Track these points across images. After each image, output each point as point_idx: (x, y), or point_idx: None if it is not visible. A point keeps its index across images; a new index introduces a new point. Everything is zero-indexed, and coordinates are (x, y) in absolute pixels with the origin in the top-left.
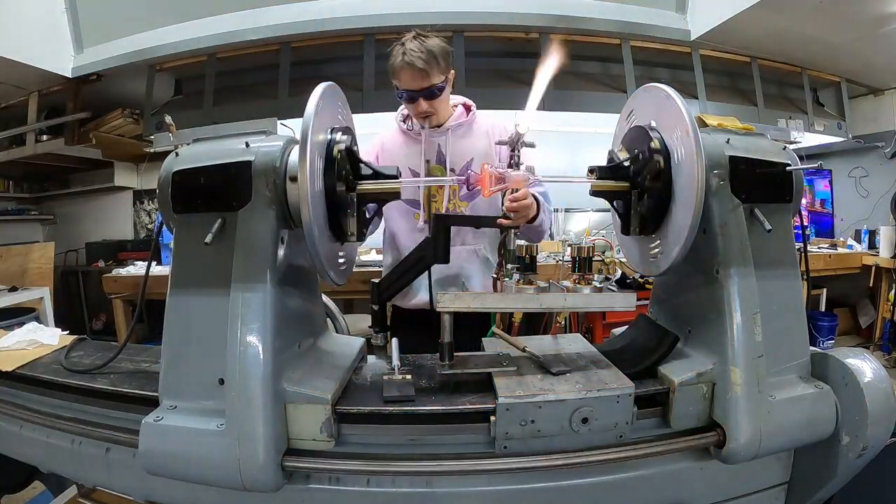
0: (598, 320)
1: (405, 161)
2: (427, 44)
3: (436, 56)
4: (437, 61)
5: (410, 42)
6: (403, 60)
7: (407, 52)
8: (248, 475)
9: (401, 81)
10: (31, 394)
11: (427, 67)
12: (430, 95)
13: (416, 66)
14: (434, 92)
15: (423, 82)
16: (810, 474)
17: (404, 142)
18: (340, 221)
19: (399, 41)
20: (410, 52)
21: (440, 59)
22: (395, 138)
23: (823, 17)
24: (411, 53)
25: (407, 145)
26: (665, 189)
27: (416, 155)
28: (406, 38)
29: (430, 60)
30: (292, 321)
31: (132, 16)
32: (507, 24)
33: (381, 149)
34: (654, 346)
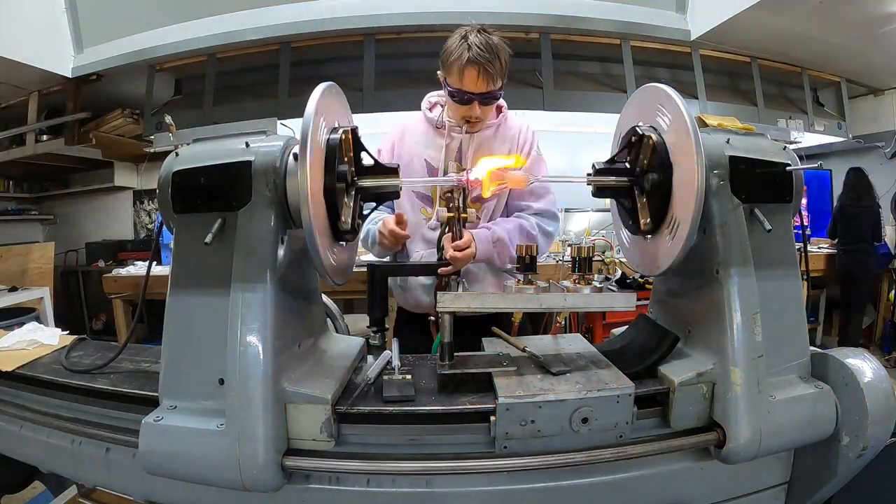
0: (598, 320)
1: (423, 152)
2: (493, 41)
3: (500, 57)
4: (501, 63)
5: (475, 36)
6: (469, 56)
7: (473, 47)
8: (249, 475)
9: (462, 80)
10: (31, 394)
11: (492, 71)
12: (487, 101)
13: (483, 68)
14: (493, 98)
15: (486, 86)
16: (810, 474)
17: (426, 131)
18: (340, 220)
19: (459, 33)
20: (477, 49)
21: (503, 61)
22: (417, 127)
23: (823, 17)
24: (477, 50)
25: (427, 136)
26: (665, 189)
27: (436, 148)
28: (468, 30)
29: (496, 62)
30: (292, 321)
31: (132, 16)
32: (507, 24)
33: (401, 136)
34: (654, 346)
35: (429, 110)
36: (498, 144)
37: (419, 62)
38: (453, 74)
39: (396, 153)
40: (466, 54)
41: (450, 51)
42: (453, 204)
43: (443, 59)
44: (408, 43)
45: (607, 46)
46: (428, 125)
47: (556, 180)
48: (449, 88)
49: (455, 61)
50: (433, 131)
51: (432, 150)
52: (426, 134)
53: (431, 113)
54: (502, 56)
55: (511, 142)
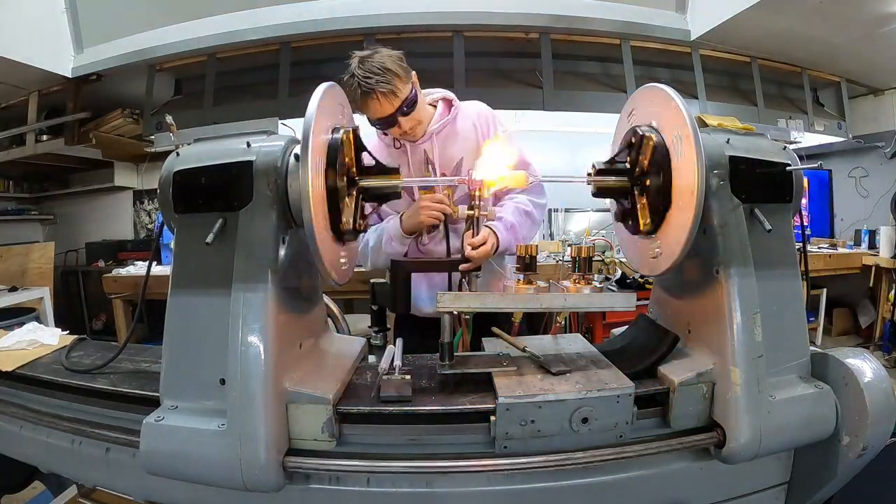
0: (598, 320)
1: None
2: (374, 62)
3: (392, 70)
4: (397, 74)
5: (359, 68)
6: (362, 90)
7: (361, 81)
8: (250, 475)
9: (371, 113)
10: (31, 394)
11: (389, 86)
12: (406, 112)
13: (378, 91)
14: (408, 106)
15: (391, 105)
16: (810, 474)
17: (388, 154)
18: (341, 221)
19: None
20: (364, 79)
21: (398, 70)
22: (379, 149)
23: (823, 17)
24: (367, 81)
25: (391, 156)
26: (665, 189)
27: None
28: (352, 65)
29: (391, 78)
30: (293, 321)
31: (132, 16)
32: (507, 24)
33: None
34: (654, 346)
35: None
36: (460, 139)
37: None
38: (364, 110)
39: None
40: (358, 90)
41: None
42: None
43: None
44: (408, 43)
45: (607, 46)
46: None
47: (556, 180)
48: (373, 123)
49: (356, 100)
50: (394, 150)
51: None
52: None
53: (387, 136)
54: (391, 66)
55: (472, 130)
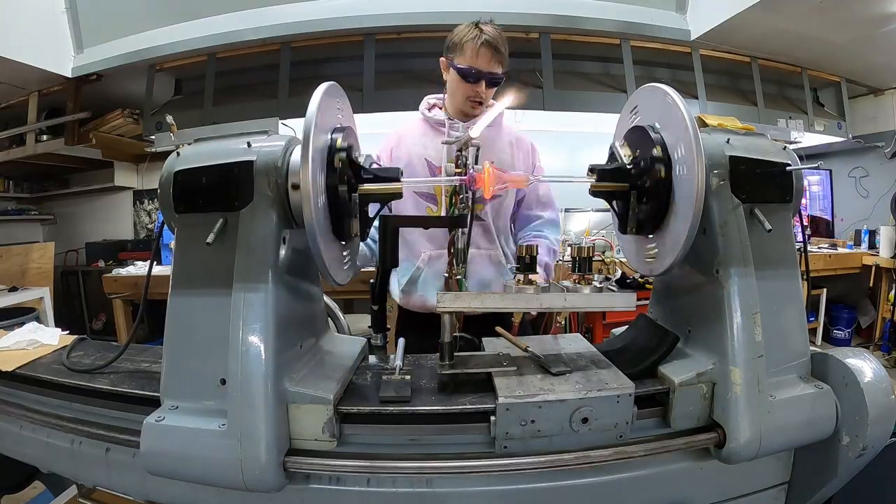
0: (598, 320)
1: (423, 152)
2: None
3: (506, 48)
4: (506, 53)
5: (487, 26)
6: (483, 37)
7: (486, 32)
8: (251, 476)
9: (475, 58)
10: (31, 394)
11: (502, 54)
12: (493, 83)
13: (496, 48)
14: (499, 80)
15: (494, 66)
16: (810, 474)
17: (424, 132)
18: (342, 221)
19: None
20: (490, 34)
21: (506, 52)
22: (414, 129)
23: (823, 17)
24: (492, 35)
25: (426, 135)
26: (665, 189)
27: (435, 148)
28: (479, 21)
29: (504, 48)
30: (294, 321)
31: (132, 16)
32: (507, 24)
33: (398, 140)
34: (654, 346)
35: (427, 111)
36: (499, 146)
37: (419, 62)
38: (466, 54)
39: (395, 156)
40: (483, 36)
41: (462, 34)
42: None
43: (453, 42)
44: (408, 43)
45: (607, 46)
46: (427, 125)
47: (556, 180)
48: (459, 67)
49: (469, 42)
50: (432, 131)
51: (432, 149)
52: (425, 135)
53: (430, 113)
54: (506, 44)
55: (511, 147)
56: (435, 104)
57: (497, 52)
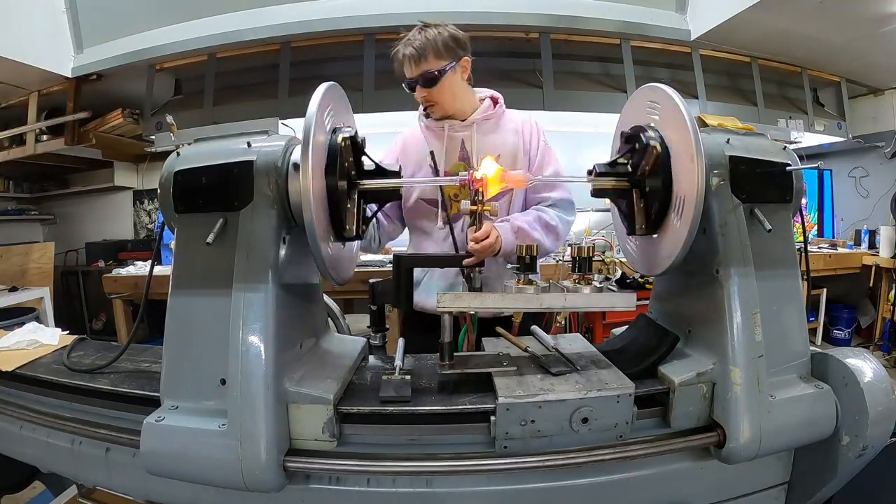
0: (598, 320)
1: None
2: (427, 33)
3: (434, 43)
4: (436, 47)
5: (414, 33)
6: (398, 52)
7: (404, 41)
8: (251, 475)
9: (402, 71)
10: (32, 394)
11: (419, 53)
12: (426, 83)
13: (407, 55)
14: (429, 79)
15: (417, 69)
16: (810, 474)
17: (425, 137)
18: (342, 221)
19: None
20: (407, 41)
21: (440, 46)
22: (416, 135)
23: (823, 17)
24: (407, 43)
25: (428, 141)
26: (665, 189)
27: (437, 151)
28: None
29: (426, 47)
30: (294, 321)
31: (132, 16)
32: (507, 24)
33: (403, 147)
34: (654, 346)
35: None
36: (501, 137)
37: None
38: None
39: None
40: (398, 49)
41: None
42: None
43: None
44: None
45: (607, 46)
46: (426, 130)
47: (556, 180)
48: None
49: (394, 57)
50: (432, 135)
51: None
52: (425, 140)
53: (427, 119)
54: (435, 40)
55: (515, 134)
56: None
57: (412, 56)
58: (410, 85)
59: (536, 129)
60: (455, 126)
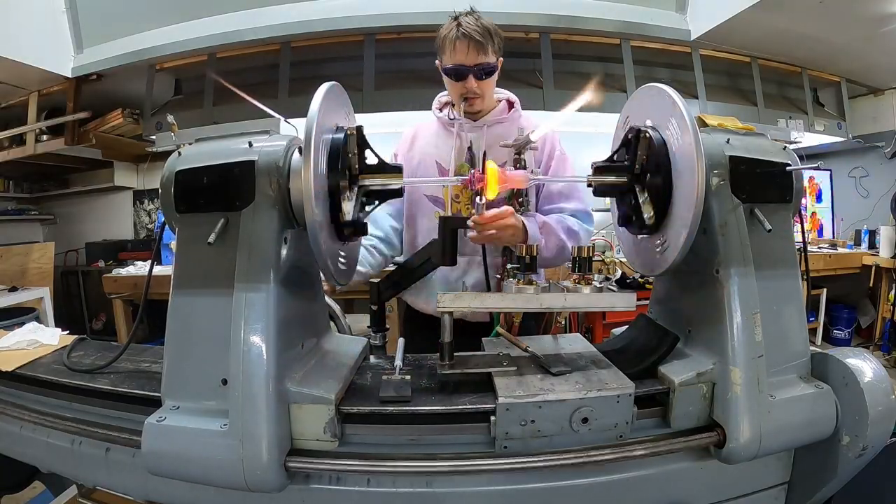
0: (598, 320)
1: (435, 153)
2: (483, 21)
3: (491, 33)
4: (493, 39)
5: (465, 17)
6: (459, 32)
7: (462, 24)
8: (252, 476)
9: (454, 54)
10: (31, 394)
11: (483, 42)
12: (480, 74)
13: (473, 38)
14: (486, 71)
15: (477, 57)
16: (810, 474)
17: (437, 132)
18: (343, 220)
19: (451, 17)
20: (467, 24)
21: (495, 38)
22: (428, 129)
23: (823, 17)
24: (468, 26)
25: (439, 137)
26: (665, 189)
27: (447, 149)
28: (460, 14)
29: (486, 36)
30: (295, 321)
31: (132, 16)
32: (507, 24)
33: (412, 141)
34: (654, 346)
35: (439, 110)
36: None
37: (419, 62)
38: (446, 52)
39: (408, 157)
40: (457, 30)
41: (442, 33)
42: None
43: (438, 45)
44: (408, 43)
45: (607, 46)
46: (439, 126)
47: (556, 180)
48: (445, 68)
49: (446, 38)
50: (444, 132)
51: (443, 151)
52: (437, 135)
53: (441, 113)
54: (493, 31)
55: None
56: (447, 101)
57: (477, 43)
58: (462, 72)
59: (552, 139)
60: (464, 126)
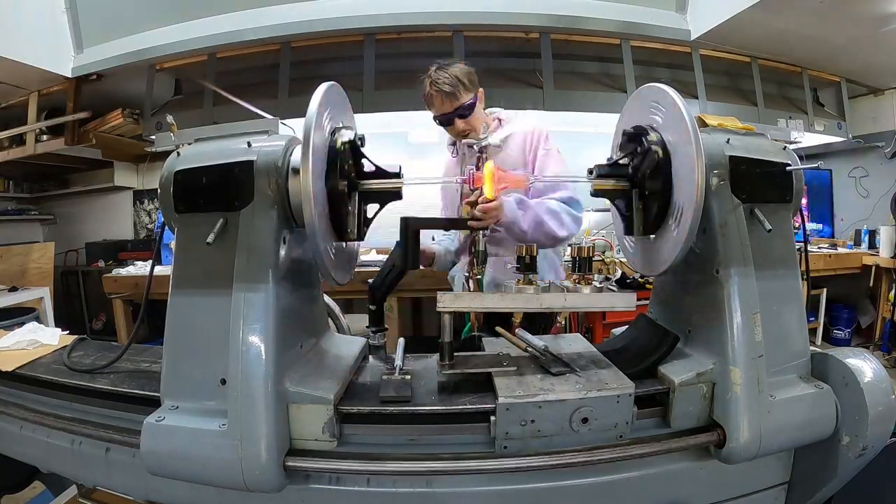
0: (598, 320)
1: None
2: (450, 70)
3: (460, 79)
4: (463, 83)
5: (435, 73)
6: (432, 89)
7: (434, 81)
8: (251, 476)
9: (435, 108)
10: (32, 394)
11: (454, 90)
12: (462, 115)
13: (444, 91)
14: (465, 112)
15: (453, 104)
16: (810, 474)
17: (454, 164)
18: (342, 221)
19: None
20: (437, 80)
21: (465, 81)
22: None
23: (823, 17)
24: (438, 81)
25: (453, 170)
26: (665, 189)
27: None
28: (430, 70)
29: (456, 84)
30: (294, 321)
31: (132, 16)
32: (507, 24)
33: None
34: (654, 346)
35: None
36: (507, 153)
37: (419, 62)
38: (429, 106)
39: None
40: (428, 89)
41: (423, 91)
42: None
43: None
44: (408, 43)
45: (607, 46)
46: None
47: (556, 180)
48: (434, 119)
49: (426, 96)
50: (454, 164)
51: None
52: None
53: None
54: (460, 76)
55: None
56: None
57: (448, 94)
58: (448, 119)
59: (538, 136)
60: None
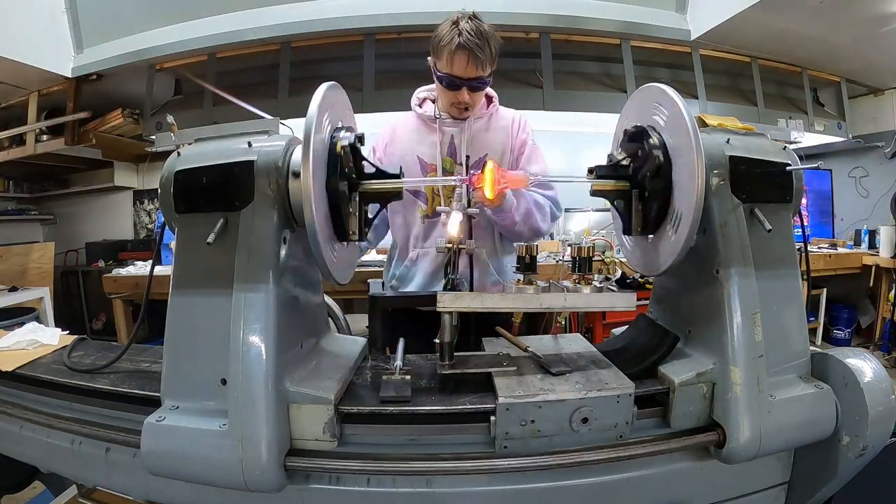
0: (598, 320)
1: (415, 148)
2: (483, 28)
3: (490, 44)
4: (491, 51)
5: (466, 23)
6: (459, 43)
7: (463, 33)
8: (251, 476)
9: (451, 64)
10: (32, 394)
11: (482, 57)
12: (476, 87)
13: (473, 53)
14: (482, 84)
15: (475, 71)
16: (810, 474)
17: (417, 127)
18: (343, 221)
19: (450, 19)
20: (468, 35)
21: (493, 48)
22: (407, 124)
23: (823, 17)
24: (468, 37)
25: (419, 132)
26: (665, 189)
27: (428, 144)
28: (459, 16)
29: (485, 49)
30: (295, 321)
31: (132, 16)
32: (507, 24)
33: (392, 135)
34: (654, 346)
35: (418, 106)
36: (491, 135)
37: (419, 62)
38: (443, 59)
39: (388, 152)
40: (457, 39)
41: (440, 36)
42: None
43: (433, 45)
44: (408, 43)
45: (607, 46)
46: (419, 121)
47: (556, 180)
48: (438, 73)
49: (445, 46)
50: (425, 127)
51: (425, 146)
52: (417, 130)
53: (421, 109)
54: (492, 43)
55: (504, 132)
56: (426, 97)
57: (475, 57)
58: (457, 84)
59: (524, 127)
60: (447, 122)
